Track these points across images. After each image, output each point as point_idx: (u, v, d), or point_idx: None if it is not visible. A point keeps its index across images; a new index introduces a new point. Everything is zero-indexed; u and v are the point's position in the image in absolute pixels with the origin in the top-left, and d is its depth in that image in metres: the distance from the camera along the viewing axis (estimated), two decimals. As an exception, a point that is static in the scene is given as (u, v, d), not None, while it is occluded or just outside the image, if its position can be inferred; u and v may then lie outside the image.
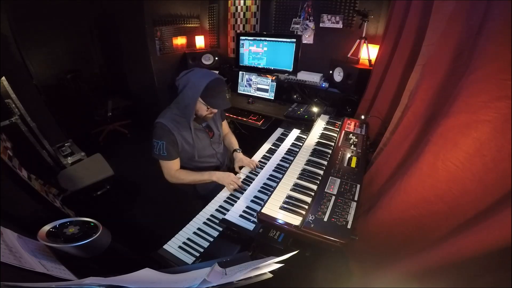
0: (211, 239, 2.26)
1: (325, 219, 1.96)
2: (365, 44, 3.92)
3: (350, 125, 3.25)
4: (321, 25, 4.36)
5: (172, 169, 2.75)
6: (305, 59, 4.45)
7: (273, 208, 2.10)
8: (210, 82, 2.47)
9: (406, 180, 1.92)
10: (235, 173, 2.87)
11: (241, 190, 2.64)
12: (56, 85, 5.33)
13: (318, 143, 2.99)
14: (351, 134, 3.03)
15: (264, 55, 4.47)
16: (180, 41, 5.06)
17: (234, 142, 3.22)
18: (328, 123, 3.43)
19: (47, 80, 5.23)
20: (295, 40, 4.22)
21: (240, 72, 4.68)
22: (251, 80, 4.53)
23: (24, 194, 2.35)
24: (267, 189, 2.60)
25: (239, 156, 3.00)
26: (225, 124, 3.24)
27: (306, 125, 3.52)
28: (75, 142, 4.28)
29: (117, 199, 3.97)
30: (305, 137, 3.14)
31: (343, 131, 3.09)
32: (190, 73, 2.58)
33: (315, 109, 3.81)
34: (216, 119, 3.01)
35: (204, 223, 2.39)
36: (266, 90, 4.46)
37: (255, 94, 4.56)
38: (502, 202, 1.40)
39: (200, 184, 2.89)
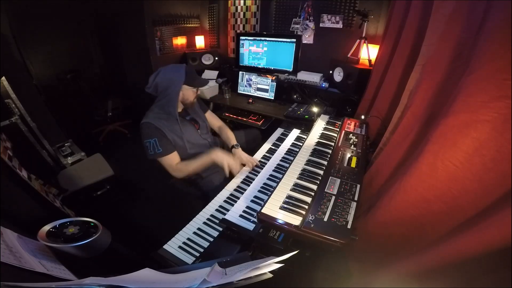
0: (211, 239, 2.28)
1: (325, 219, 1.98)
2: (365, 44, 3.99)
3: (350, 125, 3.28)
4: (321, 25, 4.43)
5: (174, 163, 2.80)
6: (305, 59, 4.50)
7: (273, 208, 2.12)
8: (186, 69, 2.74)
9: (406, 180, 1.92)
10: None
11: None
12: (56, 85, 5.32)
13: (318, 143, 3.01)
14: (351, 134, 3.06)
15: (264, 55, 4.50)
16: (180, 41, 5.10)
17: (231, 137, 3.24)
18: (328, 123, 3.47)
19: (47, 80, 5.24)
20: (295, 40, 4.27)
21: (240, 72, 4.71)
22: (251, 80, 4.56)
23: (24, 194, 2.38)
24: (267, 189, 2.62)
25: (238, 152, 3.03)
26: (211, 115, 3.37)
27: (306, 125, 3.55)
28: (75, 142, 4.31)
29: (117, 199, 3.98)
30: (305, 137, 3.18)
31: (343, 131, 3.12)
32: (161, 75, 2.80)
33: (315, 109, 3.85)
34: (199, 111, 3.15)
35: (204, 223, 2.41)
36: (266, 90, 4.49)
37: (255, 94, 4.59)
38: (502, 202, 1.39)
39: (205, 181, 2.97)
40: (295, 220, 2.02)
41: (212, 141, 3.23)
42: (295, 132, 3.50)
